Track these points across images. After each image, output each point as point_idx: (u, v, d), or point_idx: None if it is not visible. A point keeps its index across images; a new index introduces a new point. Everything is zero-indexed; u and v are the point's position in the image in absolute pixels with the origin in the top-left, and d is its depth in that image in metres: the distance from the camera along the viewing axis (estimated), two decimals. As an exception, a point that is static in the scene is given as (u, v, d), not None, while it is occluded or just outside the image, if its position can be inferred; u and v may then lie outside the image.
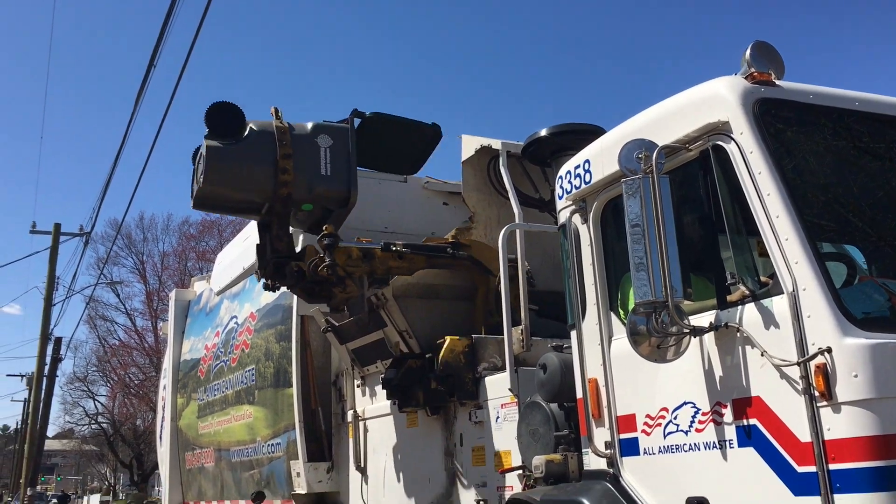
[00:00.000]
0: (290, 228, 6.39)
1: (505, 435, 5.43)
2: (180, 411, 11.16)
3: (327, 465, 7.69)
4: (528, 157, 5.74)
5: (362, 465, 7.18)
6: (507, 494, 5.26)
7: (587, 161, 4.27)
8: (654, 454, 3.73)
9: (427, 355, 6.16)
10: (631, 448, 3.87)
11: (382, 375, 7.02)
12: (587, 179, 4.24)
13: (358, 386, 7.47)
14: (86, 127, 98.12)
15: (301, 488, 7.63)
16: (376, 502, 6.84)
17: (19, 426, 49.09)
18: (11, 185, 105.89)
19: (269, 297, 8.76)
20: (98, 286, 40.86)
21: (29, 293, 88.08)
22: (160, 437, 12.21)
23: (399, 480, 6.54)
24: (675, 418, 3.64)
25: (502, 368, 5.72)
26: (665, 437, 3.68)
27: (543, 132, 5.49)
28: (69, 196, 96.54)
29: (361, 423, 7.28)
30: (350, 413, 7.43)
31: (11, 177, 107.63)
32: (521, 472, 5.05)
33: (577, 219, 4.31)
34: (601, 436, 4.03)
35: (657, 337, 3.45)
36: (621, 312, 4.10)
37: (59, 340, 28.14)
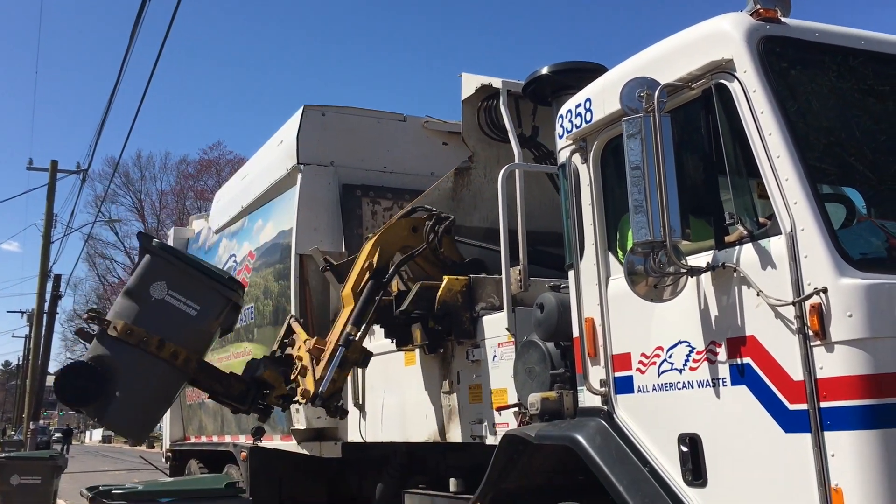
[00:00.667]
0: None
1: (501, 373, 5.49)
2: (180, 348, 11.25)
3: (326, 401, 7.79)
4: (528, 96, 5.68)
5: (360, 402, 7.28)
6: (503, 431, 5.35)
7: (588, 100, 4.22)
8: (647, 392, 3.79)
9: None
10: (625, 386, 3.92)
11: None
12: (588, 118, 4.20)
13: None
14: (82, 61, 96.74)
15: (300, 424, 7.74)
16: (374, 438, 6.95)
17: (21, 362, 49.63)
18: (7, 122, 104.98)
19: (267, 236, 8.79)
20: (96, 224, 40.93)
21: (27, 230, 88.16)
22: (161, 374, 12.34)
23: (396, 417, 6.64)
24: (669, 357, 3.67)
25: (500, 308, 5.75)
26: (659, 375, 3.72)
27: (545, 70, 5.42)
28: (66, 133, 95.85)
29: (360, 362, 7.35)
30: (349, 351, 7.49)
31: (7, 113, 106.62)
32: (516, 409, 5.12)
33: (577, 158, 4.29)
34: (596, 374, 4.08)
35: (654, 277, 3.46)
36: (619, 253, 4.10)
37: (58, 278, 28.23)
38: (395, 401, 6.66)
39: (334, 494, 8.48)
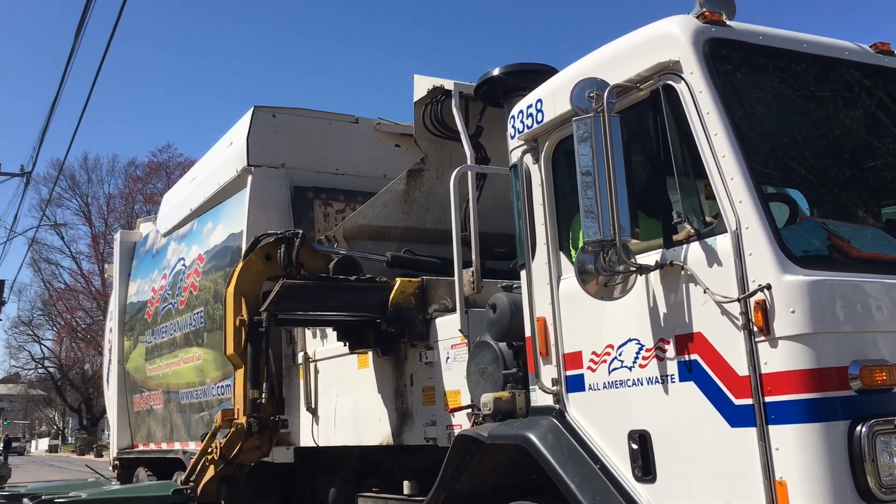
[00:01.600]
0: None
1: (455, 375, 5.48)
2: (127, 354, 11.04)
3: (277, 406, 7.69)
4: (480, 97, 5.70)
5: (313, 406, 7.20)
6: (457, 433, 5.35)
7: (539, 101, 4.25)
8: (598, 390, 3.82)
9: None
10: (576, 384, 3.95)
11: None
12: (539, 119, 4.23)
13: (308, 328, 7.45)
14: (26, 59, 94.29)
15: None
16: (327, 441, 6.89)
17: (-38, 371, 48.12)
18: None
19: (217, 239, 8.65)
20: (41, 228, 39.95)
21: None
22: (107, 381, 12.09)
23: (349, 420, 6.59)
24: (619, 355, 3.71)
25: (453, 310, 5.75)
26: (610, 373, 3.76)
27: (496, 71, 5.44)
28: (9, 134, 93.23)
29: (312, 365, 7.27)
30: (301, 355, 7.42)
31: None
32: (469, 410, 5.12)
33: (528, 158, 4.31)
34: (548, 373, 4.10)
35: (604, 275, 3.49)
36: (571, 252, 4.13)
37: (1, 283, 27.49)
38: (349, 404, 6.61)
39: (287, 499, 8.37)
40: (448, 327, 5.61)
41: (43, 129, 29.71)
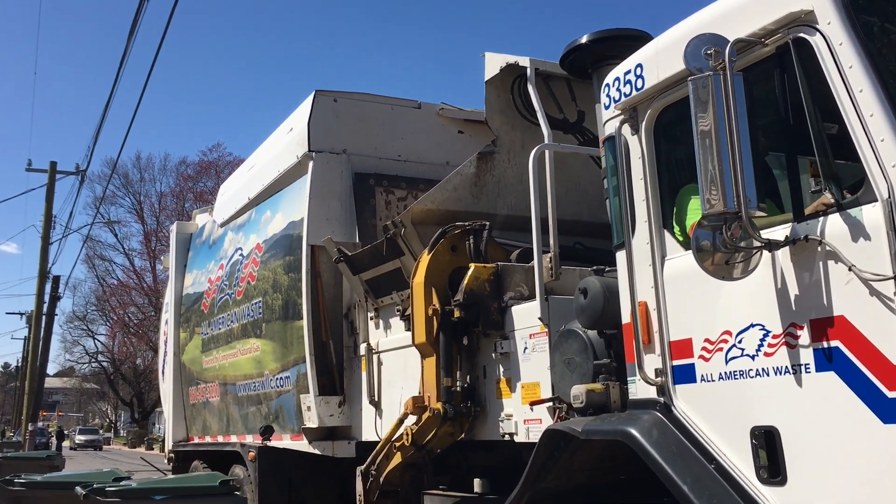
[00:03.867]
0: None
1: (533, 366, 5.15)
2: (183, 346, 10.91)
3: (338, 398, 7.45)
4: (566, 68, 5.33)
5: (376, 399, 6.94)
6: (535, 427, 5.00)
7: (639, 65, 3.87)
8: (713, 381, 3.43)
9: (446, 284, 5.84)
10: (685, 375, 3.57)
11: (398, 307, 6.73)
12: (639, 85, 3.86)
13: (371, 318, 7.18)
14: (80, 62, 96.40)
15: (312, 422, 7.40)
16: (391, 436, 6.60)
17: (20, 364, 49.26)
18: (6, 123, 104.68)
19: (276, 227, 8.44)
20: (95, 225, 40.67)
21: (26, 231, 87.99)
22: (163, 373, 12.00)
23: (416, 414, 6.29)
24: (739, 342, 3.32)
25: (529, 298, 5.41)
26: (727, 362, 3.37)
27: (584, 39, 5.06)
28: (65, 134, 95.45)
29: (375, 357, 7.01)
30: (363, 346, 7.16)
31: (6, 114, 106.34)
32: (550, 404, 4.78)
33: (626, 129, 3.94)
34: (651, 363, 3.72)
35: (724, 252, 3.11)
36: (676, 229, 3.76)
37: (57, 279, 27.91)
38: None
39: (347, 496, 8.12)
40: (526, 315, 5.27)
41: (97, 129, 30.21)
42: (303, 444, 7.60)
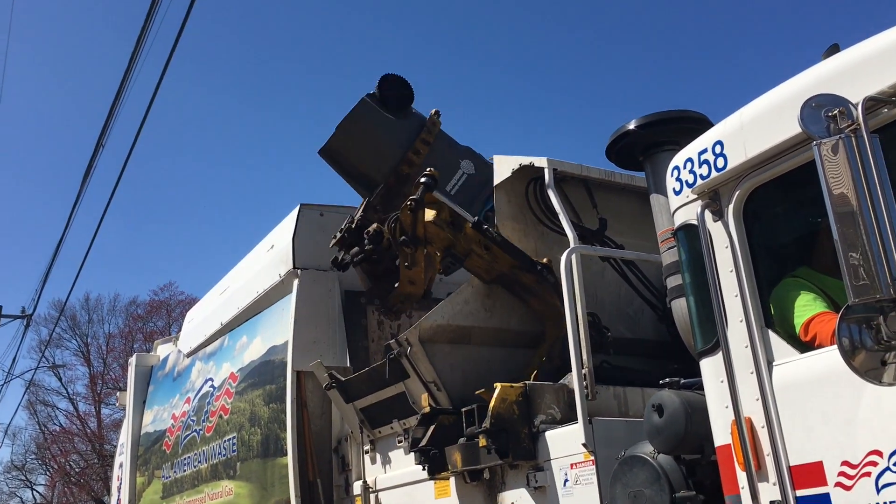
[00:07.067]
0: None
1: (577, 502, 4.38)
2: (140, 492, 9.75)
3: (329, 547, 6.48)
4: (614, 158, 4.86)
5: (376, 550, 6.00)
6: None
7: (718, 143, 3.38)
8: (860, 514, 2.75)
9: (463, 409, 5.12)
10: (817, 508, 2.88)
11: (399, 438, 5.94)
12: (719, 165, 3.35)
13: (366, 452, 6.34)
14: (29, 207, 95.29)
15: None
16: None
17: (-51, 520, 45.45)
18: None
19: (254, 353, 7.65)
20: (39, 370, 38.78)
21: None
22: (114, 525, 10.71)
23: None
24: (894, 465, 2.67)
25: (562, 421, 4.72)
26: (879, 490, 2.69)
27: (632, 125, 4.63)
28: (10, 277, 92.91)
29: (373, 496, 6.12)
30: (358, 484, 6.28)
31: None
32: None
33: (707, 216, 3.40)
34: (767, 493, 3.02)
35: (876, 350, 2.51)
36: (779, 330, 3.17)
37: (-6, 428, 26.02)
38: (426, 546, 5.43)
39: None
40: (565, 442, 4.55)
41: (46, 272, 29.08)
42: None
